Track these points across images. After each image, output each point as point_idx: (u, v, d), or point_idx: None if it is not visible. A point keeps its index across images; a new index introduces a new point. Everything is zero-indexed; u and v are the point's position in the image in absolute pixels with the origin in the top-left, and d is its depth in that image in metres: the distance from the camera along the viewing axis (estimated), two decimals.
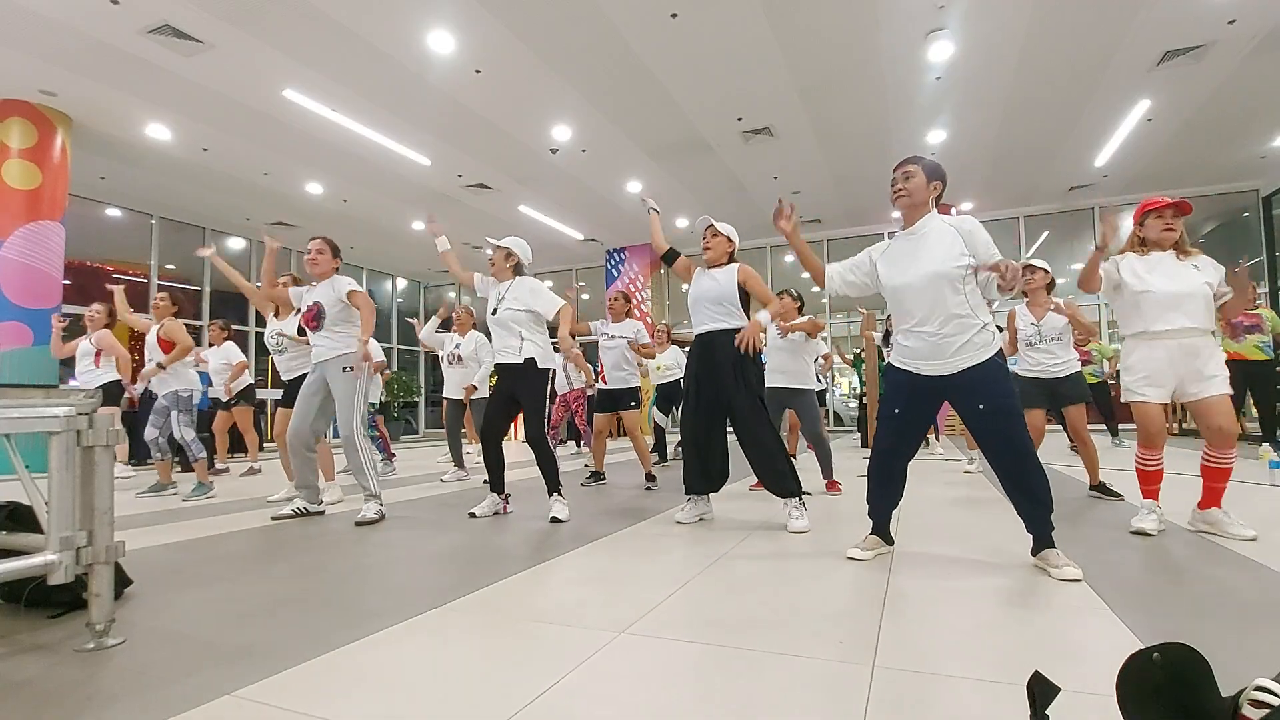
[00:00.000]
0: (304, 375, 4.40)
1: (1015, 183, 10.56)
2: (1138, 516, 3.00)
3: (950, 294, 2.37)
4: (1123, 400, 3.06)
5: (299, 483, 3.82)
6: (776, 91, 7.37)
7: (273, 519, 3.75)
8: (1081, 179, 10.43)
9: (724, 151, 9.06)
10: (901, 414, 2.54)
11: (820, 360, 5.40)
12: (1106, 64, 6.92)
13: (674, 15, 5.88)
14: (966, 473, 5.44)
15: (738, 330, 3.29)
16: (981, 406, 2.35)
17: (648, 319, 13.02)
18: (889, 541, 2.64)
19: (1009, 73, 7.07)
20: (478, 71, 6.77)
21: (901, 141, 8.77)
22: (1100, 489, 3.95)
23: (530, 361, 3.60)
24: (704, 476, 3.41)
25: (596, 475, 5.17)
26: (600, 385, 5.32)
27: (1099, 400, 7.98)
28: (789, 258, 13.97)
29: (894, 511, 2.66)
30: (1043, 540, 2.36)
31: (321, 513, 3.92)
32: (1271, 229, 10.79)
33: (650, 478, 4.95)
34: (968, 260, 2.36)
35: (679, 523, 3.37)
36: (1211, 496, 2.91)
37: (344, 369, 3.68)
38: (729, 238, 3.47)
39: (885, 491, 2.63)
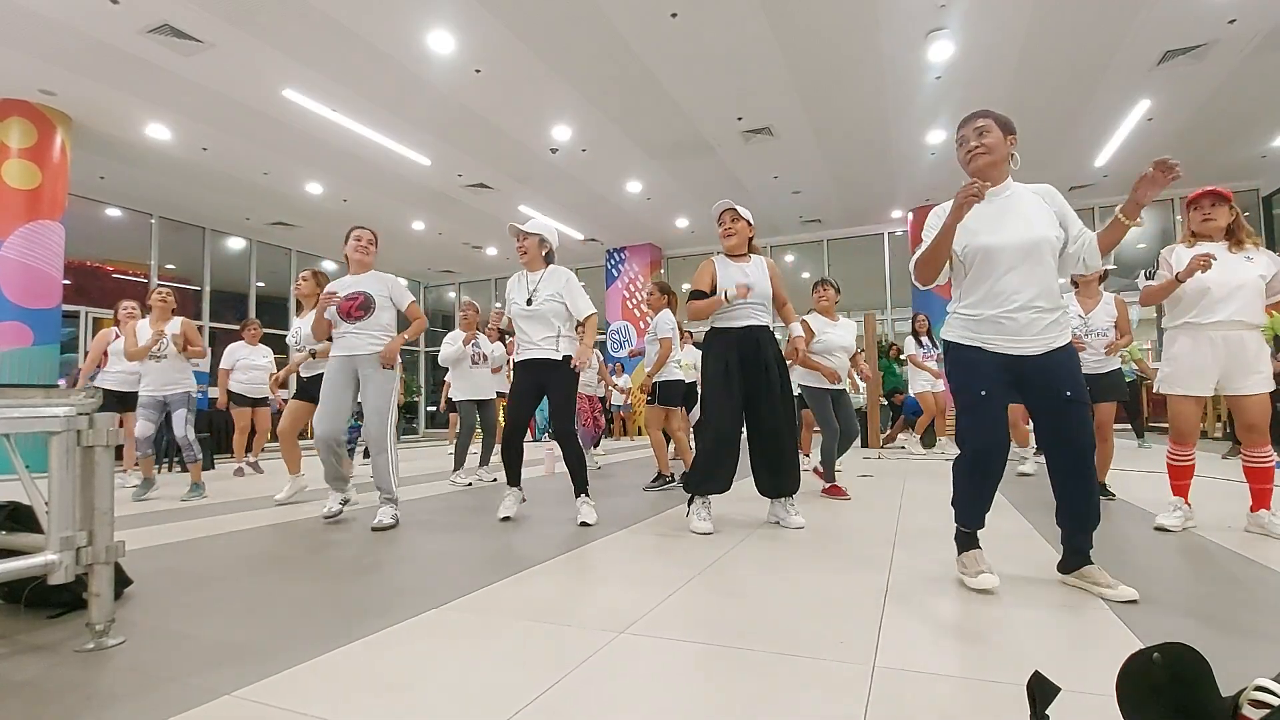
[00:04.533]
0: (321, 374, 4.34)
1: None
2: (1163, 513, 2.97)
3: (1049, 263, 2.11)
4: (1158, 391, 3.01)
5: (333, 476, 3.67)
6: (776, 91, 7.37)
7: (325, 519, 3.64)
8: (1082, 179, 10.42)
9: (724, 151, 9.06)
10: (989, 396, 2.12)
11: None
12: (1106, 64, 6.92)
13: (674, 15, 5.88)
14: (1022, 475, 5.10)
15: (768, 326, 3.27)
16: (1069, 394, 2.06)
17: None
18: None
19: (1009, 73, 7.06)
20: (478, 71, 6.77)
21: (901, 141, 8.77)
22: (1101, 489, 3.94)
23: (567, 359, 3.50)
24: (730, 476, 3.25)
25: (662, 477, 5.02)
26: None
27: (1128, 400, 7.99)
28: (789, 258, 13.96)
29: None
30: (1084, 554, 2.12)
31: (355, 502, 3.98)
32: (1272, 229, 10.78)
33: (664, 477, 4.92)
34: (1059, 232, 2.13)
35: (708, 533, 3.10)
36: (1258, 498, 2.85)
37: (384, 365, 3.60)
38: (749, 222, 3.35)
39: (985, 495, 2.20)
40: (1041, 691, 0.98)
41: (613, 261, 13.99)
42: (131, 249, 10.97)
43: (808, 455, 6.19)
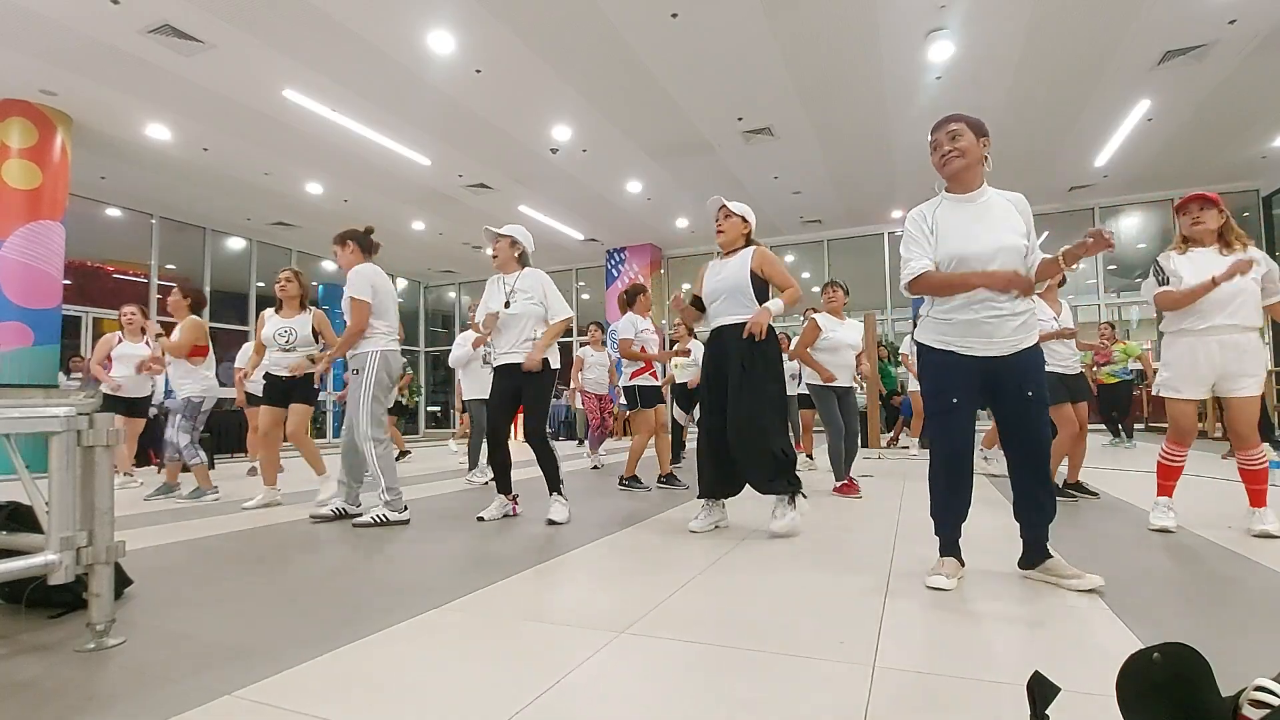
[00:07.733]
0: (294, 377, 4.31)
1: (1015, 183, 10.43)
2: (1157, 514, 3.00)
3: (1018, 268, 2.14)
4: (1157, 393, 3.06)
5: (345, 478, 3.81)
6: (776, 92, 7.37)
7: (311, 519, 3.66)
8: (1081, 179, 10.42)
9: (724, 151, 9.06)
10: (960, 402, 2.18)
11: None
12: (1106, 64, 6.92)
13: (674, 15, 5.87)
14: (988, 476, 5.14)
15: (736, 324, 3.05)
16: (1030, 394, 2.14)
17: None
18: (962, 562, 2.27)
19: (1009, 73, 7.06)
20: (478, 71, 6.77)
21: (901, 141, 8.76)
22: (1078, 487, 4.02)
23: (545, 363, 3.48)
24: (725, 480, 3.18)
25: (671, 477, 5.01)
26: (652, 382, 5.09)
27: (1119, 399, 8.01)
28: (789, 258, 13.96)
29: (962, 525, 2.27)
30: (1042, 550, 2.18)
31: (359, 514, 3.79)
32: (1272, 229, 10.78)
33: (671, 478, 4.93)
34: (1026, 238, 2.18)
35: (693, 531, 3.14)
36: (1253, 498, 2.92)
37: (354, 370, 3.68)
38: (744, 218, 3.18)
39: (960, 499, 2.25)
40: (1041, 691, 0.98)
41: (613, 261, 13.98)
42: (132, 249, 10.95)
43: (809, 456, 6.19)
